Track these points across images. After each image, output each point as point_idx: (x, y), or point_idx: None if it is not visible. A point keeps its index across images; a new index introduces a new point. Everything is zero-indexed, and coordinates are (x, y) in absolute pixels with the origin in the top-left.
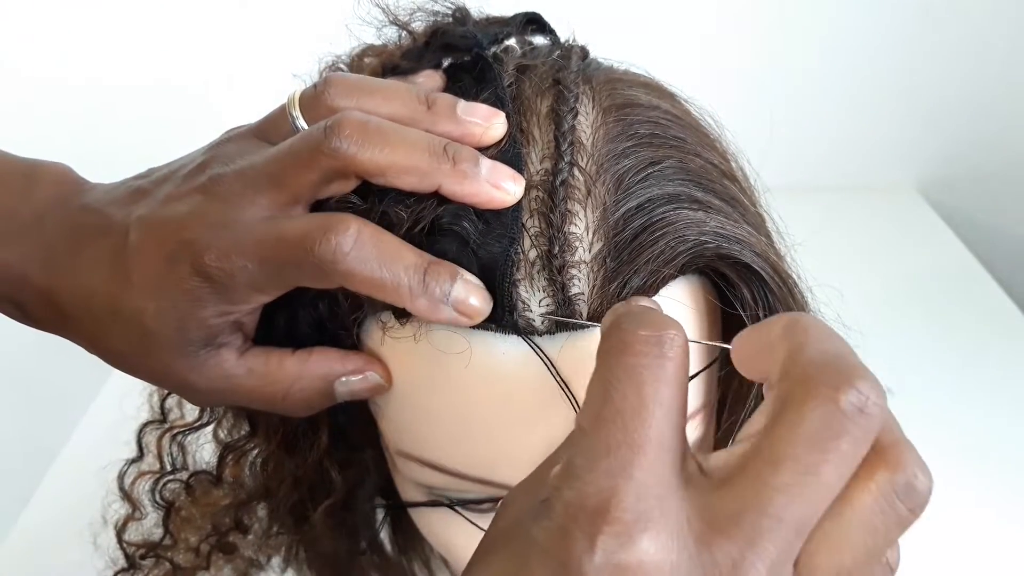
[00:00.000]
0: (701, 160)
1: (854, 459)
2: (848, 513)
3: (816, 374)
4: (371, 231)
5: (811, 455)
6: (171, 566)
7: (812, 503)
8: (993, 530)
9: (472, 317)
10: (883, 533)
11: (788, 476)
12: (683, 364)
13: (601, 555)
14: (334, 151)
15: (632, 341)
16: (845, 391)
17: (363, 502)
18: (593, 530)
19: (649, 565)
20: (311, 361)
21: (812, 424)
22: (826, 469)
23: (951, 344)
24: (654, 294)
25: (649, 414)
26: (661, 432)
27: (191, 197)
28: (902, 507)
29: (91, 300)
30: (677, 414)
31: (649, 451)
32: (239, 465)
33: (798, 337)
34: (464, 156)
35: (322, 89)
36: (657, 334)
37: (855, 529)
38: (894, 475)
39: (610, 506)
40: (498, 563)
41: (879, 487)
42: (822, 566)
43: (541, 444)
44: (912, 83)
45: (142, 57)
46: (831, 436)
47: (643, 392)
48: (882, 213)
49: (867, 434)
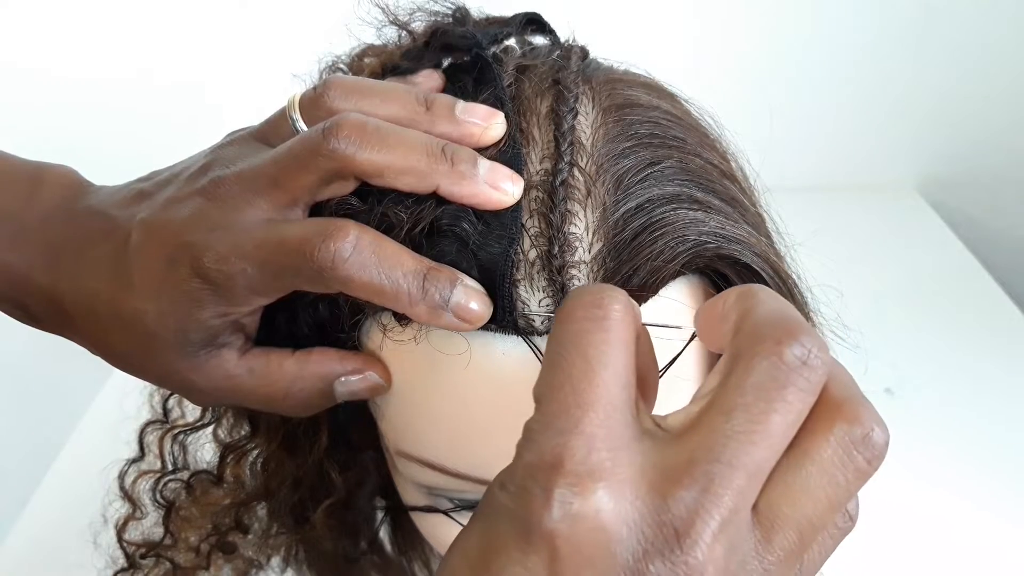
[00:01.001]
0: (701, 160)
1: (800, 409)
2: (808, 464)
3: (762, 331)
4: (370, 237)
5: (759, 404)
6: (171, 566)
7: (762, 450)
8: (993, 529)
9: (472, 323)
10: (843, 485)
11: (738, 424)
12: (625, 327)
13: (558, 507)
14: (332, 152)
15: (574, 308)
16: (789, 344)
17: (363, 502)
18: (549, 484)
19: (605, 514)
20: (311, 361)
21: (759, 375)
22: (774, 418)
23: (951, 344)
24: (654, 294)
25: (595, 374)
26: (609, 391)
27: (192, 200)
28: (860, 458)
29: (93, 302)
30: (624, 374)
31: (598, 408)
32: (240, 465)
33: (748, 302)
34: (462, 157)
35: (321, 91)
36: (597, 301)
37: (815, 479)
38: (851, 427)
39: (563, 460)
40: (473, 534)
41: (838, 439)
42: (785, 515)
43: None
44: (912, 83)
45: (143, 57)
46: (777, 386)
47: (588, 355)
48: (882, 213)
49: (812, 385)
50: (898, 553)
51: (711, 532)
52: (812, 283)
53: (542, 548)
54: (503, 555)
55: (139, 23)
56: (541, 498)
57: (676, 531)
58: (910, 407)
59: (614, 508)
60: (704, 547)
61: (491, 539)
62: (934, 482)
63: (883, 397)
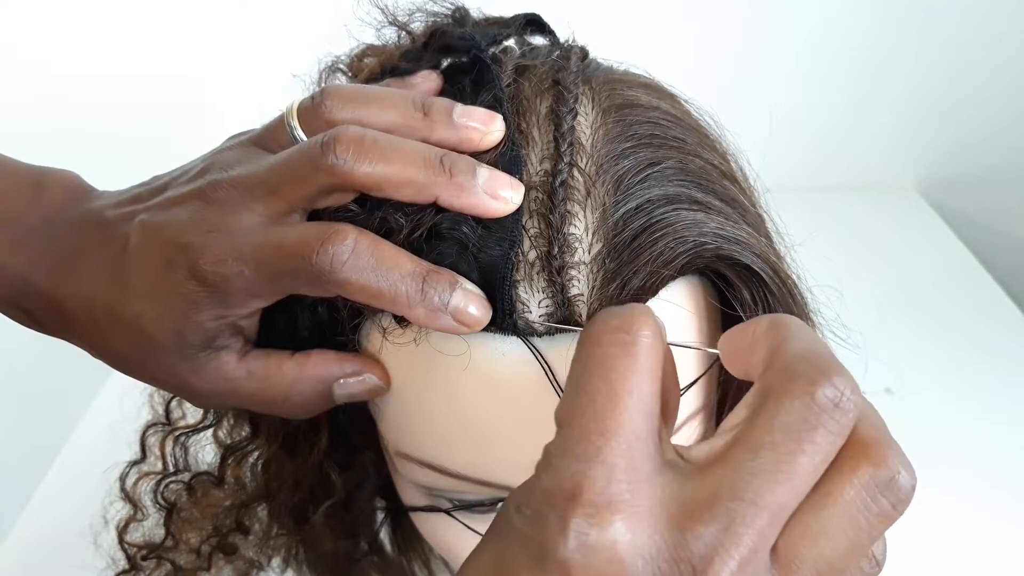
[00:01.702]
0: (701, 161)
1: (828, 451)
2: (830, 506)
3: (795, 369)
4: (368, 240)
5: (787, 444)
6: (172, 567)
7: (787, 491)
8: (993, 529)
9: (471, 326)
10: (866, 528)
11: (764, 463)
12: (653, 353)
13: (574, 537)
14: (331, 167)
15: (602, 333)
16: (822, 385)
17: (363, 503)
18: (566, 513)
19: (622, 546)
20: (309, 364)
21: (789, 415)
22: (801, 459)
23: (951, 344)
24: (653, 295)
25: (620, 401)
26: (632, 419)
27: (190, 203)
28: (885, 502)
29: (93, 305)
30: (649, 402)
31: (620, 437)
32: (240, 467)
33: (780, 334)
34: (460, 167)
35: (319, 101)
36: (626, 325)
37: (837, 521)
38: (877, 470)
39: (582, 490)
40: (486, 554)
41: (862, 482)
42: (803, 556)
43: (539, 445)
44: (912, 83)
45: (143, 57)
46: (807, 427)
47: (612, 381)
48: (882, 213)
49: (842, 428)
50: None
51: (729, 572)
52: (812, 283)
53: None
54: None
55: (139, 23)
56: (557, 526)
57: (693, 568)
58: (910, 407)
59: (631, 540)
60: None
61: (504, 562)
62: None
63: (883, 397)
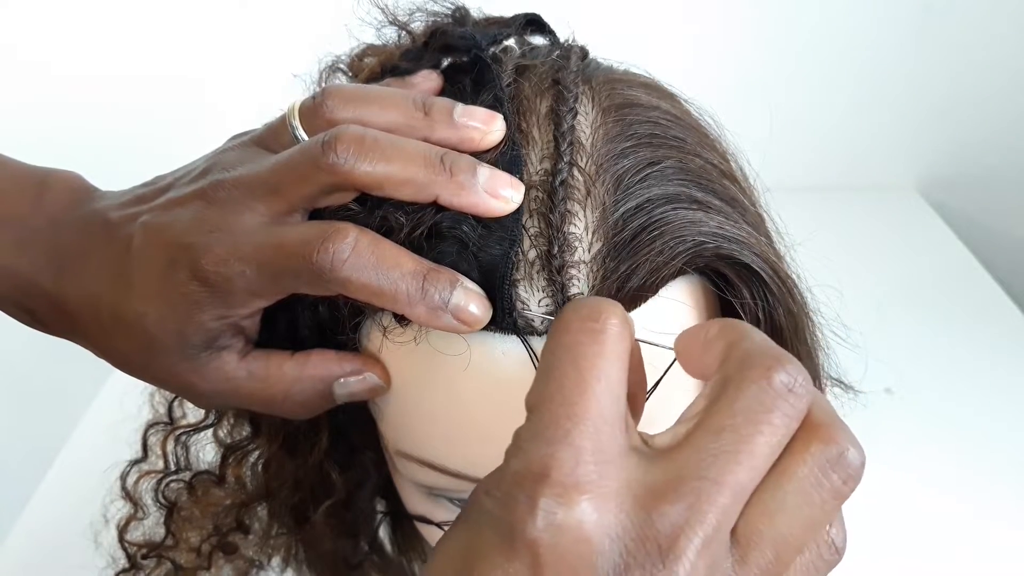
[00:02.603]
0: (701, 160)
1: (784, 433)
2: (785, 483)
3: (752, 359)
4: (369, 239)
5: (746, 426)
6: (172, 566)
7: (746, 470)
8: (993, 529)
9: (471, 325)
10: (819, 504)
11: (725, 444)
12: (620, 342)
13: (542, 517)
14: (332, 167)
15: (571, 321)
16: (777, 371)
17: (363, 503)
18: (534, 493)
19: (589, 526)
20: (310, 363)
21: (748, 399)
22: (759, 439)
23: (951, 344)
24: (653, 294)
25: (588, 387)
26: (600, 404)
27: (192, 203)
28: (836, 478)
29: (96, 306)
30: (616, 387)
31: (588, 421)
32: (241, 466)
33: (735, 333)
34: (461, 167)
35: (320, 100)
36: (594, 314)
37: (792, 497)
38: (827, 447)
39: (550, 471)
40: (455, 535)
41: (814, 459)
42: (761, 533)
43: None
44: (912, 83)
45: (143, 57)
46: (764, 410)
47: (581, 367)
48: (882, 213)
49: (796, 411)
50: (898, 553)
51: (695, 549)
52: (812, 283)
53: (525, 556)
54: (486, 560)
55: (140, 23)
56: (526, 506)
57: (660, 546)
58: (910, 407)
59: (598, 520)
60: (688, 564)
61: (475, 544)
62: (934, 482)
63: (883, 397)
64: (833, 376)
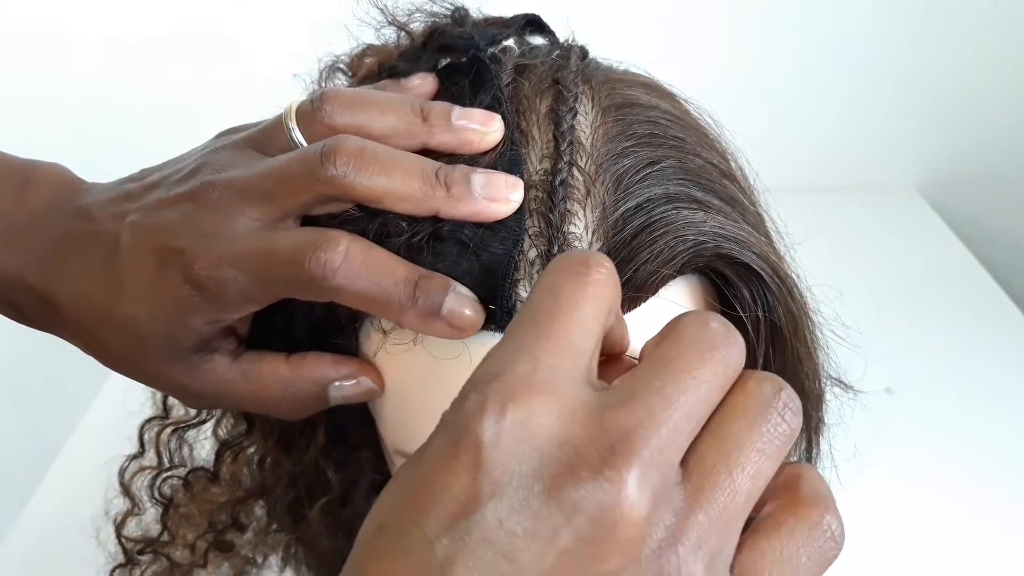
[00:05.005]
0: (700, 160)
1: (725, 372)
2: (731, 416)
3: (690, 314)
4: (361, 247)
5: (694, 356)
6: (168, 563)
7: (695, 396)
8: (993, 529)
9: (464, 329)
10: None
11: (675, 370)
12: (603, 286)
13: (490, 415)
14: (331, 179)
15: (558, 262)
16: (712, 320)
17: (359, 501)
18: (485, 392)
19: (536, 427)
20: (304, 366)
21: (691, 336)
22: (706, 370)
23: (951, 344)
24: (653, 293)
25: (560, 314)
26: (570, 331)
27: (182, 204)
28: (780, 405)
29: (85, 304)
30: (590, 323)
31: (552, 339)
32: (237, 462)
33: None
34: (455, 179)
35: (319, 105)
36: (583, 259)
37: (739, 427)
38: (771, 384)
39: (505, 372)
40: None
41: (755, 395)
42: (714, 463)
43: None
44: (912, 83)
45: (143, 57)
46: (708, 347)
47: (558, 298)
48: (882, 213)
49: (734, 357)
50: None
51: (647, 453)
52: (812, 283)
53: (468, 453)
54: (433, 463)
55: (139, 23)
56: (475, 405)
57: (612, 447)
58: (910, 407)
59: (546, 423)
60: (639, 467)
61: (426, 449)
62: (934, 482)
63: (883, 397)
64: (833, 376)
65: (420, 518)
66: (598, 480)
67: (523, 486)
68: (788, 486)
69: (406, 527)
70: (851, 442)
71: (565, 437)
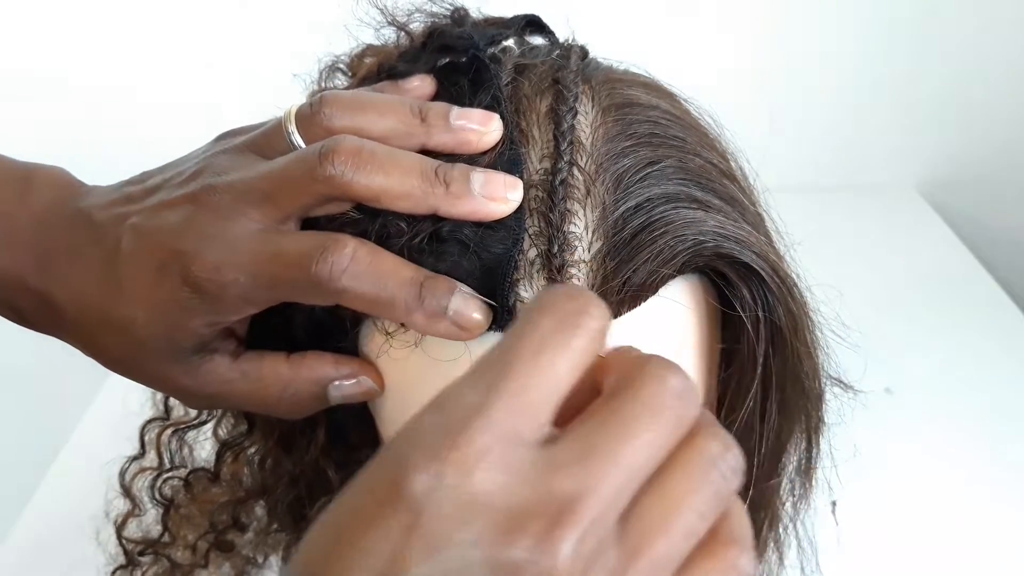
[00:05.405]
0: (700, 160)
1: (674, 429)
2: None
3: (649, 360)
4: (367, 250)
5: (647, 415)
6: (169, 564)
7: (645, 458)
8: (993, 529)
9: (470, 331)
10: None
11: (630, 434)
12: (594, 341)
13: (433, 475)
14: (329, 179)
15: (551, 299)
16: (673, 374)
17: None
18: (430, 447)
19: (482, 491)
20: (304, 365)
21: (649, 393)
22: (655, 427)
23: (951, 344)
24: (653, 293)
25: (536, 366)
26: (538, 387)
27: (182, 207)
28: (724, 466)
29: (84, 306)
30: (564, 379)
31: (516, 398)
32: (237, 463)
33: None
34: (454, 177)
35: (318, 108)
36: (578, 305)
37: (680, 483)
38: (711, 442)
39: (454, 427)
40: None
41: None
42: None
43: None
44: (912, 83)
45: (143, 57)
46: (663, 406)
47: (539, 346)
48: (882, 213)
49: (687, 413)
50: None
51: (590, 516)
52: (812, 283)
53: (404, 511)
54: (367, 512)
55: (139, 23)
56: (418, 459)
57: (557, 513)
58: (910, 407)
59: (489, 487)
60: (579, 531)
61: (359, 494)
62: (933, 482)
63: (883, 397)
64: (833, 376)
65: (349, 572)
66: (538, 548)
67: (460, 552)
68: (711, 527)
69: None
70: (851, 442)
71: (508, 502)
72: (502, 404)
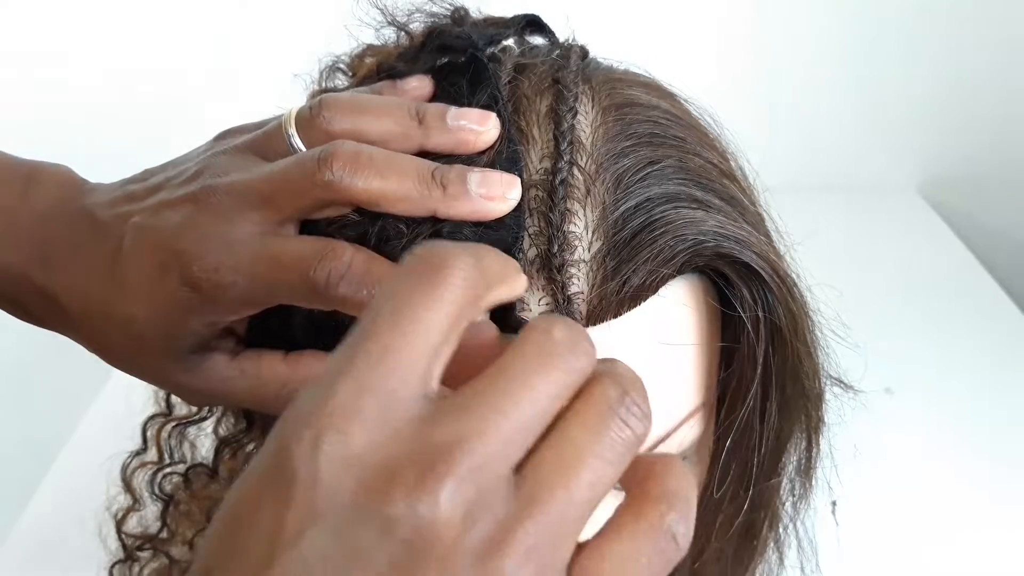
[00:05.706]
0: (700, 159)
1: (568, 377)
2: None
3: (534, 321)
4: (363, 257)
5: (531, 365)
6: (167, 559)
7: (532, 410)
8: (994, 529)
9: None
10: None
11: (512, 383)
12: (465, 291)
13: (307, 447)
14: (327, 183)
15: (405, 262)
16: (558, 326)
17: None
18: (303, 422)
19: (357, 454)
20: (302, 364)
21: (532, 344)
22: (544, 380)
23: (951, 344)
24: (653, 293)
25: (396, 328)
26: (404, 348)
27: (183, 207)
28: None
29: (87, 303)
30: (435, 335)
31: (382, 361)
32: (235, 459)
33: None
34: (451, 178)
35: (317, 112)
36: (433, 263)
37: (578, 432)
38: (611, 387)
39: (324, 400)
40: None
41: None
42: (548, 467)
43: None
44: (912, 83)
45: (143, 57)
46: (548, 355)
47: (396, 308)
48: (882, 213)
49: (579, 360)
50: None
51: (465, 469)
52: (812, 283)
53: (284, 485)
54: (249, 496)
55: (139, 23)
56: (293, 435)
57: (432, 464)
58: (910, 407)
59: (364, 448)
60: (451, 486)
61: (245, 481)
62: (934, 482)
63: (883, 397)
64: (833, 376)
65: (240, 557)
66: (411, 500)
67: (340, 514)
68: (640, 482)
69: (228, 566)
70: (851, 442)
71: (384, 459)
72: (368, 363)
